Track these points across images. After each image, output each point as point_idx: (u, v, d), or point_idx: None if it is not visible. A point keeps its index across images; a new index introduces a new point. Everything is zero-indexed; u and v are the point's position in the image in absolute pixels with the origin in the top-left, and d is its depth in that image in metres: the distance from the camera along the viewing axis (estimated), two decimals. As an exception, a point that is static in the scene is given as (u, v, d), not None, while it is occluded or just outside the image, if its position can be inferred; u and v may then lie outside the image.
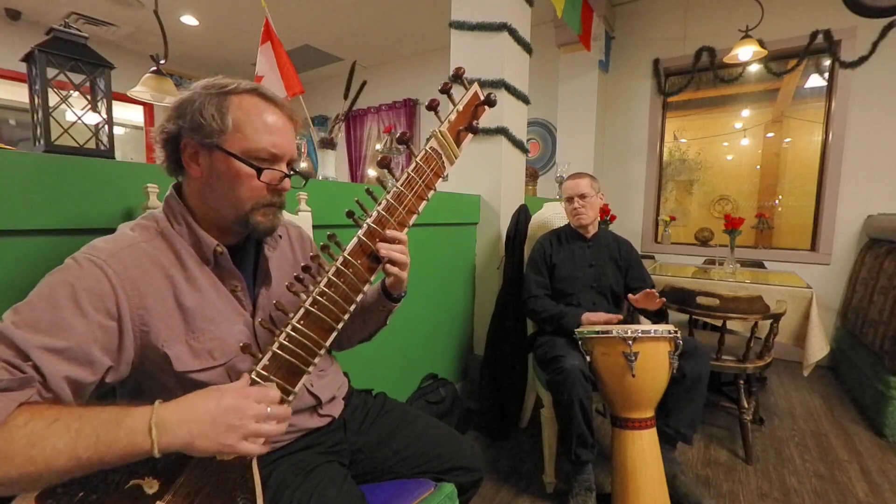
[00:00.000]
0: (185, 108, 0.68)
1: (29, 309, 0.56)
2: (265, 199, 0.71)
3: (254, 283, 0.80)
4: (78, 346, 0.57)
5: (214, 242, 0.71)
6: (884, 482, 1.69)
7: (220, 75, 0.72)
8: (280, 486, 0.75)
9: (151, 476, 0.58)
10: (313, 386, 0.85)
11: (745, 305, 1.77)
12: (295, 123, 0.75)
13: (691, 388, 1.48)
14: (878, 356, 2.16)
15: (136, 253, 0.65)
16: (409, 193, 0.76)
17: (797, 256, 3.13)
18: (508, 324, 2.01)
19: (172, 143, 0.70)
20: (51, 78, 0.92)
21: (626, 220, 3.71)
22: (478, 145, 2.19)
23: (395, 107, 4.92)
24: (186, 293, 0.68)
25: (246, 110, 0.68)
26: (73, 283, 0.58)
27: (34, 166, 0.78)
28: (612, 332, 1.40)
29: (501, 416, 1.99)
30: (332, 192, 1.41)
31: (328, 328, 0.69)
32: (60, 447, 0.50)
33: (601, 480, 1.64)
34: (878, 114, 2.82)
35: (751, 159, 3.56)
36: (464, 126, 0.83)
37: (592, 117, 3.51)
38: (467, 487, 0.99)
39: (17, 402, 0.51)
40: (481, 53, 2.14)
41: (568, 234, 1.86)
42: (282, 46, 2.06)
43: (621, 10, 3.63)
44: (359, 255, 0.72)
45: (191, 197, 0.73)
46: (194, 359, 0.68)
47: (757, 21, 2.79)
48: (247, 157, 0.68)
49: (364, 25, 4.09)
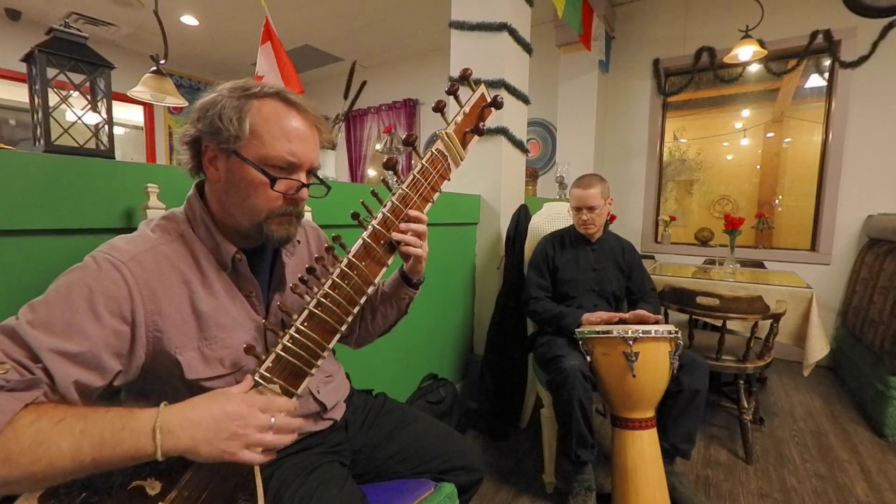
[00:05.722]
0: (206, 111, 0.67)
1: (45, 308, 0.56)
2: (281, 208, 0.69)
3: (269, 287, 0.79)
4: (90, 352, 0.57)
5: (234, 250, 0.71)
6: (884, 482, 1.69)
7: (246, 78, 0.71)
8: (281, 487, 0.75)
9: (153, 477, 0.58)
10: (319, 393, 0.85)
11: (745, 305, 1.77)
12: (319, 130, 0.72)
13: (689, 403, 1.47)
14: (878, 356, 2.16)
15: (155, 256, 0.65)
16: (414, 196, 0.76)
17: (797, 256, 3.13)
18: (508, 324, 2.01)
19: (195, 145, 0.70)
20: (51, 78, 0.92)
21: (626, 220, 3.71)
22: (478, 145, 2.18)
23: (395, 107, 4.91)
24: (203, 299, 0.68)
25: (265, 116, 0.67)
26: (90, 286, 0.58)
27: (34, 166, 0.78)
28: (613, 332, 1.40)
29: (501, 416, 1.99)
30: (332, 193, 1.40)
31: (332, 330, 0.69)
32: (64, 448, 0.50)
33: (601, 480, 1.64)
34: (878, 114, 2.82)
35: (751, 159, 3.56)
36: (470, 128, 0.82)
37: (592, 117, 3.51)
38: (467, 487, 0.98)
39: (24, 402, 0.51)
40: (481, 53, 2.14)
41: (572, 237, 1.83)
42: (282, 46, 2.05)
43: (621, 10, 3.63)
44: (363, 258, 0.71)
45: (211, 200, 0.72)
46: (205, 366, 0.68)
47: (757, 21, 2.79)
48: (262, 165, 0.66)
49: (364, 25, 4.08)
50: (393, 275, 0.93)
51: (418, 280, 0.91)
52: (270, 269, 0.80)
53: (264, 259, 0.79)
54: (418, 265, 0.86)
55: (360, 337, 1.00)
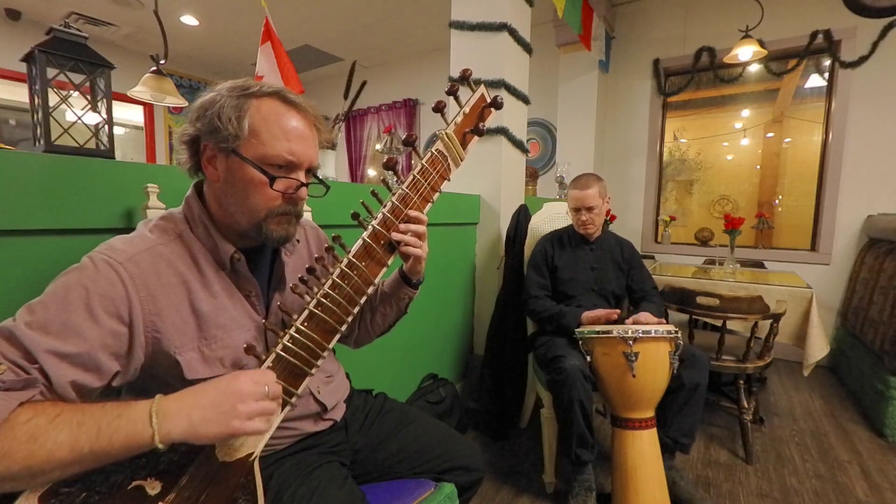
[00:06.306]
0: (205, 110, 0.67)
1: (42, 309, 0.56)
2: (280, 207, 0.69)
3: (268, 287, 0.79)
4: (86, 352, 0.57)
5: (232, 249, 0.71)
6: (884, 482, 1.69)
7: (246, 77, 0.71)
8: (281, 487, 0.75)
9: (153, 477, 0.58)
10: (320, 393, 0.85)
11: (745, 305, 1.77)
12: (318, 130, 0.73)
13: (689, 397, 1.48)
14: (878, 356, 2.16)
15: (153, 257, 0.65)
16: (414, 196, 0.76)
17: (797, 256, 3.13)
18: (508, 324, 2.01)
19: (193, 145, 0.70)
20: (51, 78, 0.92)
21: (626, 220, 3.71)
22: (478, 145, 2.17)
23: (395, 107, 4.91)
24: (202, 298, 0.68)
25: (264, 115, 0.67)
26: (87, 286, 0.58)
27: (34, 166, 0.78)
28: (613, 332, 1.40)
29: (501, 416, 1.99)
30: (332, 192, 1.40)
31: (332, 330, 0.69)
32: (62, 440, 0.50)
33: (601, 480, 1.64)
34: (878, 114, 2.82)
35: (751, 159, 3.56)
36: (470, 128, 0.82)
37: (592, 117, 3.51)
38: (467, 487, 0.98)
39: (20, 400, 0.51)
40: (481, 53, 2.14)
41: (571, 236, 1.84)
42: (282, 46, 2.05)
43: (621, 10, 3.63)
44: (363, 258, 0.72)
45: (209, 199, 0.72)
46: (205, 366, 0.68)
47: (757, 21, 2.79)
48: (261, 164, 0.66)
49: (364, 25, 4.08)
50: (393, 275, 0.93)
51: (418, 280, 0.91)
52: (270, 268, 0.80)
53: (263, 259, 0.79)
54: (418, 265, 0.86)
55: (359, 336, 1.01)
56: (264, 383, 0.61)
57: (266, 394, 0.61)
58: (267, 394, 0.61)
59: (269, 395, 0.61)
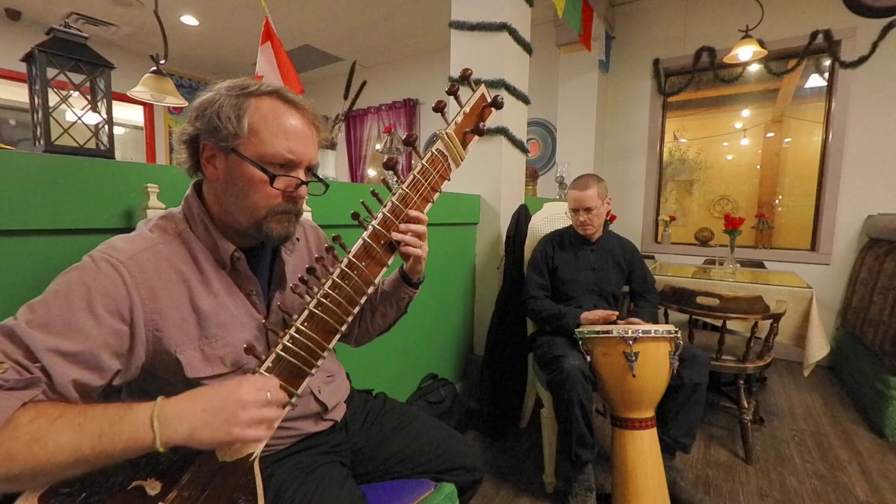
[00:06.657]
0: (204, 109, 0.67)
1: (44, 307, 0.56)
2: (280, 206, 0.69)
3: (269, 286, 0.79)
4: (88, 351, 0.57)
5: (232, 248, 0.71)
6: (884, 482, 1.69)
7: (244, 76, 0.71)
8: (281, 487, 0.75)
9: (153, 477, 0.58)
10: (321, 393, 0.85)
11: (745, 305, 1.77)
12: (317, 128, 0.73)
13: (690, 397, 1.48)
14: (878, 356, 2.16)
15: (153, 255, 0.65)
16: (414, 196, 0.76)
17: (797, 256, 3.13)
18: (508, 324, 2.01)
19: (192, 144, 0.70)
20: (51, 78, 0.92)
21: (626, 220, 3.71)
22: (478, 145, 2.17)
23: (395, 107, 4.91)
24: (202, 297, 0.68)
25: (263, 114, 0.67)
26: (88, 285, 0.58)
27: (34, 166, 0.78)
28: (613, 332, 1.40)
29: (501, 416, 1.99)
30: (332, 192, 1.40)
31: (332, 330, 0.69)
32: (63, 442, 0.50)
33: (601, 480, 1.64)
34: (878, 114, 2.82)
35: (751, 159, 3.56)
36: (470, 128, 0.82)
37: (592, 117, 3.51)
38: (467, 487, 0.99)
39: (22, 400, 0.51)
40: (481, 53, 2.14)
41: (572, 237, 1.83)
42: (282, 46, 2.05)
43: (621, 10, 3.63)
44: (363, 258, 0.72)
45: (209, 199, 0.72)
46: (206, 365, 0.68)
47: (757, 21, 2.79)
48: (261, 162, 0.66)
49: (364, 25, 4.08)
50: (393, 274, 0.93)
51: (418, 280, 0.91)
52: (270, 267, 0.80)
53: (263, 257, 0.79)
54: (418, 265, 0.86)
55: (359, 335, 1.01)
56: (267, 390, 0.61)
57: (269, 401, 0.61)
58: (269, 401, 0.61)
59: (271, 401, 0.61)
